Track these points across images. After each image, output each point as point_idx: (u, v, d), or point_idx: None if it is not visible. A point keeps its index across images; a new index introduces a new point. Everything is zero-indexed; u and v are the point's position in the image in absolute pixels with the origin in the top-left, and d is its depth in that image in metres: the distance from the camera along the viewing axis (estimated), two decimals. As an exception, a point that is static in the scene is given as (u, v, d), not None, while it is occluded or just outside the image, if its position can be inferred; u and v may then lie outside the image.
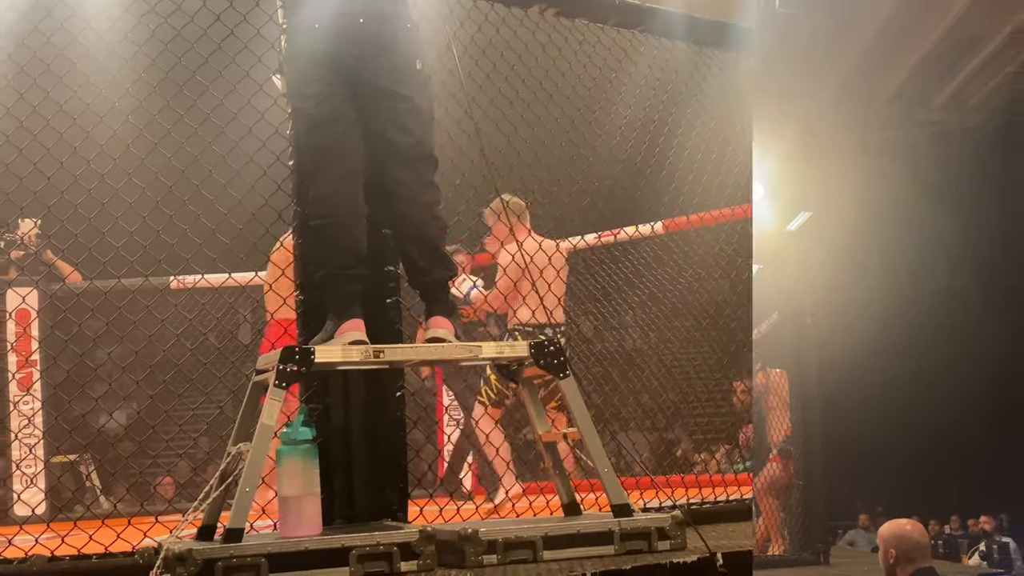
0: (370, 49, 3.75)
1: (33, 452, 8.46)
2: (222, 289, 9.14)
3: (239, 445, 3.70)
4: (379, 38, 3.77)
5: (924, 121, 15.48)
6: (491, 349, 3.86)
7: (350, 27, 3.74)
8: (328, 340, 3.74)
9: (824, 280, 8.10)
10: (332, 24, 3.74)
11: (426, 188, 3.84)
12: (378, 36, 3.76)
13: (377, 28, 3.77)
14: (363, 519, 3.99)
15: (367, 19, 3.75)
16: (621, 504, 3.74)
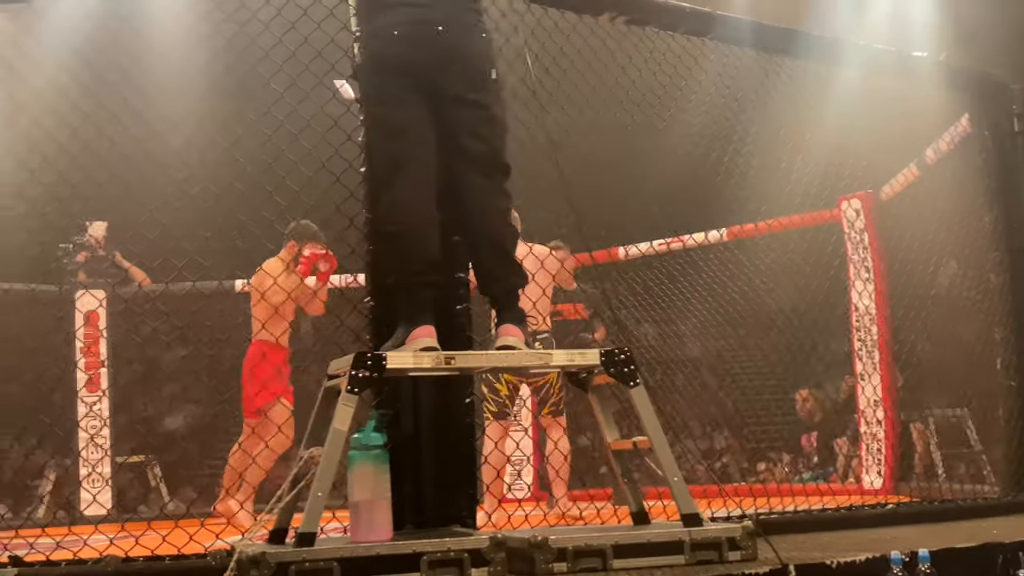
0: (448, 57, 3.77)
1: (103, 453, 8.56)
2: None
3: (311, 450, 3.73)
4: (457, 47, 3.78)
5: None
6: (562, 357, 3.86)
7: (429, 36, 3.76)
8: (399, 346, 3.75)
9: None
10: (411, 32, 3.75)
11: (499, 195, 3.85)
12: (456, 45, 3.78)
13: (455, 37, 3.79)
14: (432, 525, 4.00)
15: (445, 28, 3.77)
16: (691, 513, 3.72)
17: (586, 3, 4.74)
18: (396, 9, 3.78)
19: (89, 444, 8.94)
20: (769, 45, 5.62)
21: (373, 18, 3.84)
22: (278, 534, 3.77)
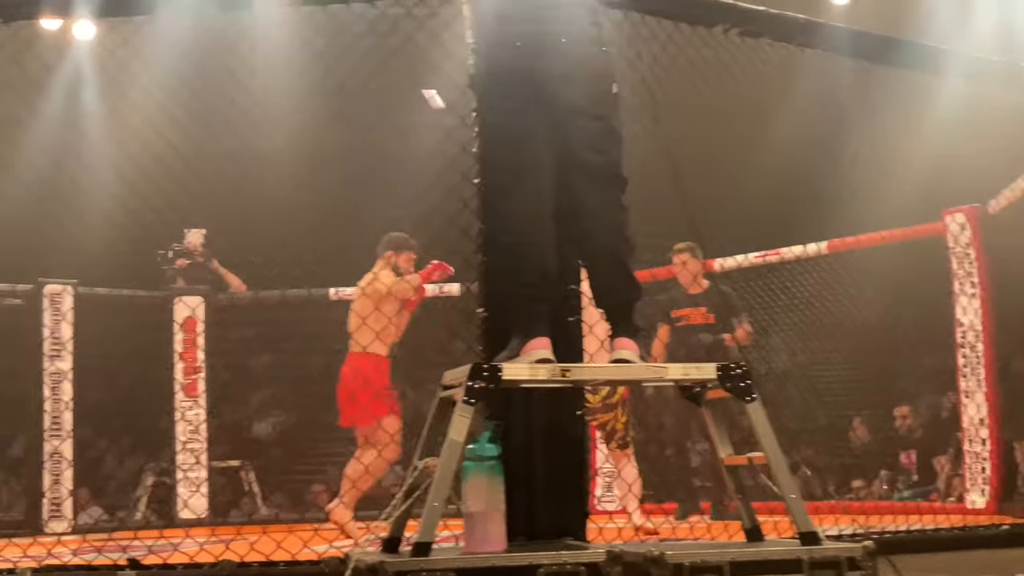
0: (570, 69, 3.76)
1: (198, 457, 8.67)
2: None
3: (425, 460, 3.74)
4: (580, 59, 3.78)
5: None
6: (677, 371, 3.82)
7: (553, 47, 3.75)
8: (513, 357, 3.74)
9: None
10: (535, 43, 3.75)
11: (616, 208, 3.84)
12: (579, 57, 3.78)
13: (578, 49, 3.78)
14: (543, 537, 3.98)
15: (569, 40, 3.77)
16: (809, 532, 3.66)
17: (700, 15, 4.72)
18: (520, 21, 3.78)
19: (185, 449, 9.06)
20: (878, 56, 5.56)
21: (496, 28, 3.84)
22: (391, 543, 3.78)
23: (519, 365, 3.66)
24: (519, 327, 3.78)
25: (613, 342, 3.83)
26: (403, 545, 3.77)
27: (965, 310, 7.95)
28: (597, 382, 3.96)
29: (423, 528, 3.43)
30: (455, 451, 3.51)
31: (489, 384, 3.54)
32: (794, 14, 5.04)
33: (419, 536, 3.42)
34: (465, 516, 3.62)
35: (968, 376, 7.91)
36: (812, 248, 8.74)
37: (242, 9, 4.59)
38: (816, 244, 8.73)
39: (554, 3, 3.81)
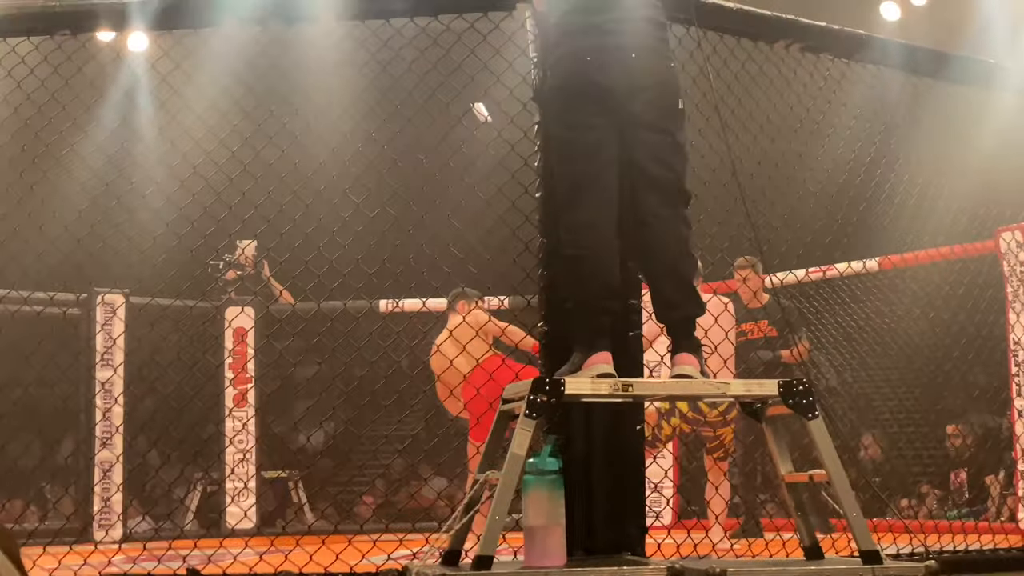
0: (640, 83, 3.77)
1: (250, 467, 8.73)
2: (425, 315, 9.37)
3: (487, 473, 3.75)
4: (649, 74, 3.79)
5: None
6: (739, 387, 3.82)
7: (622, 61, 3.77)
8: (575, 371, 3.74)
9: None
10: (604, 57, 3.77)
11: (680, 223, 3.83)
12: (648, 72, 3.79)
13: (648, 64, 3.79)
14: (603, 552, 3.98)
15: (638, 55, 3.78)
16: (870, 551, 3.64)
17: (762, 30, 4.72)
18: (588, 34, 3.80)
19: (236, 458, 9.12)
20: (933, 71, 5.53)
21: (563, 42, 3.85)
22: (451, 556, 3.79)
23: (581, 379, 3.66)
24: (581, 341, 3.78)
25: (674, 357, 3.83)
26: (463, 559, 3.78)
27: (1021, 327, 7.88)
28: (658, 397, 3.95)
29: (484, 541, 3.44)
30: (517, 465, 3.52)
31: (551, 398, 3.54)
32: (853, 30, 5.03)
33: (480, 549, 3.43)
34: (525, 530, 3.63)
35: (1022, 394, 7.84)
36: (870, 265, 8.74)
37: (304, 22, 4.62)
38: (871, 260, 8.72)
39: (622, 17, 3.82)
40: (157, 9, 4.53)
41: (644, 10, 3.87)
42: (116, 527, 8.70)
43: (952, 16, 11.26)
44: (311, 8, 4.50)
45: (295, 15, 4.58)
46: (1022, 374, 7.85)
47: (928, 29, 11.00)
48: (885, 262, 8.78)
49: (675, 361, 3.81)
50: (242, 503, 8.86)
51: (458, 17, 4.37)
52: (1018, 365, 7.89)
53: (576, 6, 3.87)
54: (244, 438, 9.18)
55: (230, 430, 9.05)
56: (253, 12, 4.54)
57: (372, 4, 4.46)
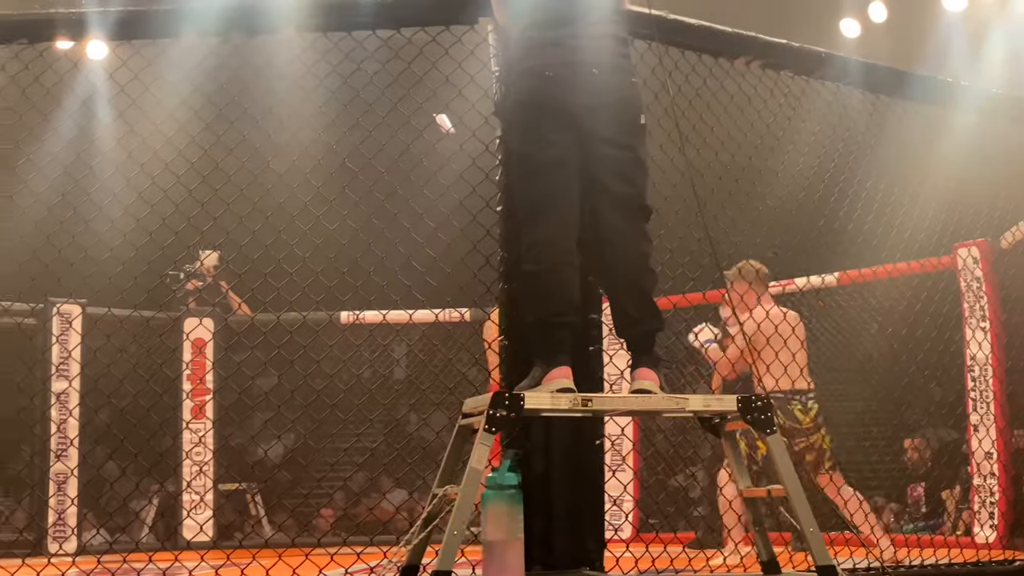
0: (600, 99, 3.78)
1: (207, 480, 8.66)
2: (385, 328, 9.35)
3: (445, 487, 3.74)
4: (611, 90, 3.80)
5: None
6: (698, 402, 3.83)
7: (582, 77, 3.77)
8: (535, 386, 3.74)
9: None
10: (563, 73, 3.78)
11: (641, 238, 3.85)
12: (609, 87, 3.80)
13: (610, 79, 3.80)
14: (561, 566, 3.99)
15: (599, 70, 3.79)
16: (826, 565, 3.66)
17: (723, 47, 4.75)
18: (549, 50, 3.81)
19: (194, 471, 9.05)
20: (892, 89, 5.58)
21: (524, 58, 3.86)
22: (410, 570, 3.78)
23: (541, 394, 3.66)
24: (541, 356, 3.78)
25: (634, 372, 3.84)
26: (421, 573, 3.77)
27: (976, 344, 7.95)
28: (617, 412, 3.96)
29: (442, 556, 3.43)
30: (476, 479, 3.52)
31: (510, 413, 3.54)
32: (813, 47, 5.07)
33: (438, 564, 3.43)
34: (484, 544, 3.62)
35: (979, 409, 7.91)
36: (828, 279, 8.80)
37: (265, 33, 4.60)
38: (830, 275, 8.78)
39: (583, 33, 3.83)
40: (116, 19, 4.50)
41: (605, 26, 3.88)
42: (71, 540, 8.61)
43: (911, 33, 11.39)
44: (273, 20, 4.49)
45: (256, 27, 4.56)
46: (977, 389, 7.91)
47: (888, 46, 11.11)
48: (844, 277, 8.84)
49: (635, 376, 3.82)
50: (199, 516, 8.78)
51: (420, 30, 4.37)
52: (974, 380, 7.95)
53: (537, 21, 3.87)
54: (201, 450, 9.11)
55: (187, 442, 8.99)
56: (214, 24, 4.52)
57: (334, 17, 4.45)
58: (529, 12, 3.90)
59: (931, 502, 9.06)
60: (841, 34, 11.88)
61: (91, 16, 4.49)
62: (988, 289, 7.96)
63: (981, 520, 7.75)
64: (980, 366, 7.94)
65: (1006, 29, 10.66)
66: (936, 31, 11.30)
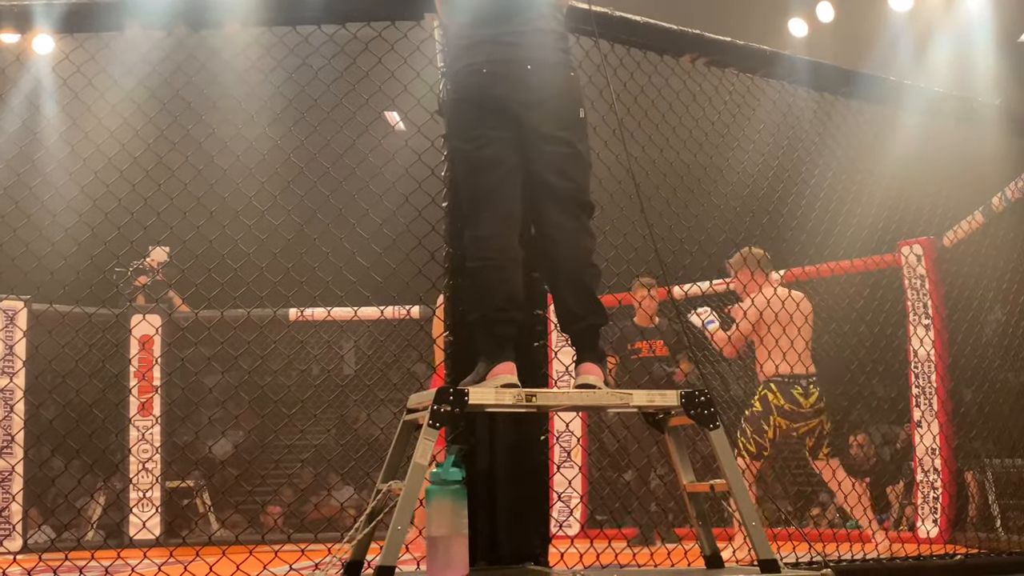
0: (536, 95, 3.78)
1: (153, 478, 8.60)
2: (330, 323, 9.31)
3: (389, 483, 3.74)
4: (546, 85, 3.80)
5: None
6: (642, 397, 3.84)
7: (518, 73, 3.78)
8: (479, 382, 3.75)
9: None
10: (500, 70, 3.78)
11: (583, 234, 3.85)
12: (545, 83, 3.80)
13: (544, 75, 3.81)
14: (506, 561, 4.00)
15: (534, 65, 3.79)
16: (768, 559, 3.69)
17: (668, 44, 4.77)
18: (486, 47, 3.81)
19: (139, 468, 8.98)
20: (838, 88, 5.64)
21: (462, 55, 3.86)
22: (354, 567, 3.77)
23: (485, 389, 3.67)
24: (485, 351, 3.79)
25: (578, 367, 3.85)
26: (365, 569, 3.77)
27: (919, 340, 8.04)
28: (561, 407, 3.97)
29: (385, 552, 3.43)
30: (420, 475, 3.52)
31: (454, 408, 3.55)
32: (759, 46, 5.11)
33: (381, 560, 3.43)
34: (428, 540, 3.62)
35: (921, 405, 8.00)
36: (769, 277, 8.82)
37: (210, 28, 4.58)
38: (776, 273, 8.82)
39: (518, 29, 3.83)
40: (60, 12, 4.46)
41: (542, 21, 3.88)
42: (14, 538, 8.53)
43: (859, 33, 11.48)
44: (218, 14, 4.46)
45: (201, 20, 4.54)
46: (920, 386, 8.01)
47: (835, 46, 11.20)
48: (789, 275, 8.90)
49: (579, 371, 3.84)
50: (144, 513, 8.72)
51: (366, 25, 4.36)
52: (916, 377, 8.05)
53: (474, 19, 3.88)
54: (147, 447, 9.04)
55: (133, 439, 8.92)
56: (159, 17, 4.49)
57: (280, 11, 4.43)
58: (466, 9, 3.90)
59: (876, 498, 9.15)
60: (789, 33, 11.96)
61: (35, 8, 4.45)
62: (931, 287, 8.06)
63: (923, 515, 7.85)
64: (923, 363, 8.03)
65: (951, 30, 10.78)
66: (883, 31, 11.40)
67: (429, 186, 4.23)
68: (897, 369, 8.46)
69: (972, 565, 5.03)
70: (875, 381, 9.01)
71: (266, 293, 5.04)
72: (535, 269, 4.02)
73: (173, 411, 9.23)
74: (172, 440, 9.41)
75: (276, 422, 9.93)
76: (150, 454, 9.03)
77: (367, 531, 3.69)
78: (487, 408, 3.70)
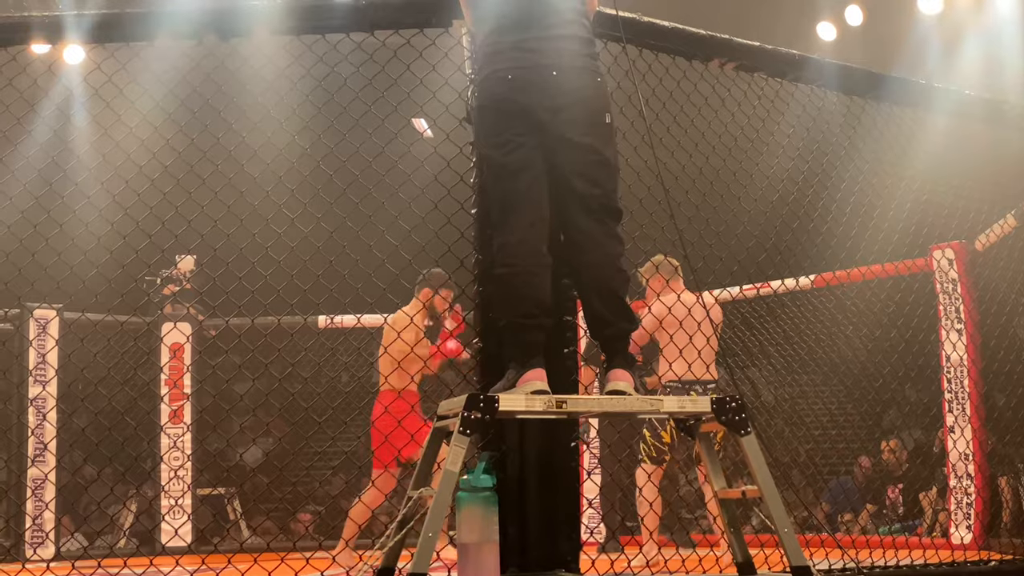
0: (562, 101, 3.78)
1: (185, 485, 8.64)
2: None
3: (420, 490, 3.74)
4: (571, 90, 3.80)
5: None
6: (672, 403, 3.84)
7: (543, 79, 3.78)
8: (509, 388, 3.74)
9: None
10: (525, 76, 3.78)
11: (611, 240, 3.84)
12: (570, 88, 3.79)
13: (571, 81, 3.80)
14: (536, 568, 3.99)
15: (559, 72, 3.79)
16: (801, 566, 3.67)
17: (697, 49, 4.75)
18: (510, 54, 3.81)
19: (171, 475, 9.02)
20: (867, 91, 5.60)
21: (488, 62, 3.87)
22: (385, 574, 3.78)
23: (515, 396, 3.66)
24: (515, 358, 3.78)
25: (608, 374, 3.84)
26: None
27: (951, 345, 7.99)
28: (591, 414, 3.96)
29: (417, 559, 3.43)
30: (451, 482, 3.52)
31: (485, 415, 3.55)
32: (787, 50, 5.09)
33: (413, 567, 3.42)
34: (459, 547, 3.62)
35: (954, 411, 7.94)
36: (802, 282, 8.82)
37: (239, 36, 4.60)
38: (805, 278, 8.81)
39: (544, 35, 3.83)
40: (91, 22, 4.49)
41: (566, 28, 3.88)
42: (47, 545, 8.58)
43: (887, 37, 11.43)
44: (247, 23, 4.48)
45: (230, 30, 4.55)
46: (953, 391, 7.95)
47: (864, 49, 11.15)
48: (819, 279, 8.88)
49: (609, 377, 3.83)
50: (176, 520, 8.76)
51: (394, 33, 4.36)
52: (949, 382, 7.99)
53: (499, 26, 3.88)
54: (178, 455, 9.09)
55: (164, 446, 8.97)
56: (189, 26, 4.51)
57: (307, 19, 4.44)
58: (492, 16, 3.91)
59: (909, 503, 9.10)
60: (818, 37, 11.92)
61: (66, 19, 4.48)
62: (963, 291, 8.00)
63: (957, 521, 7.79)
64: (955, 368, 7.98)
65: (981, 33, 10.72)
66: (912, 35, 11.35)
67: (458, 193, 4.23)
68: (929, 374, 8.41)
69: (1007, 571, 4.99)
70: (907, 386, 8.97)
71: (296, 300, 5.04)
72: (563, 275, 4.01)
73: (204, 419, 9.27)
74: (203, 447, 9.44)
75: (306, 429, 9.96)
76: (181, 461, 9.06)
77: (398, 538, 3.69)
78: (517, 415, 3.70)
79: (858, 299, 8.99)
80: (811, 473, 9.86)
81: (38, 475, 8.54)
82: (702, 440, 3.96)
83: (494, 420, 3.59)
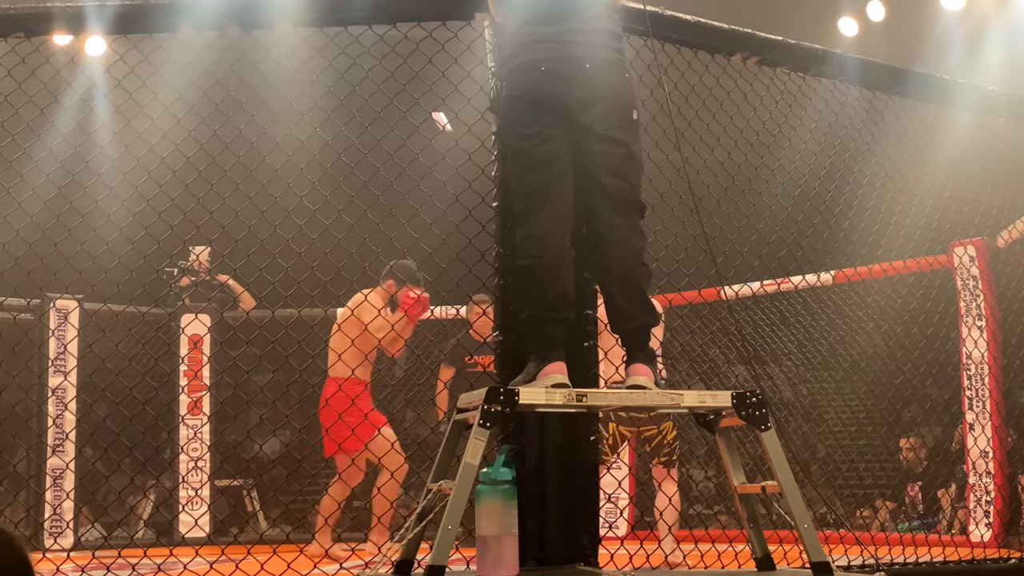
0: (593, 94, 3.78)
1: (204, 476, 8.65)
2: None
3: (439, 483, 3.74)
4: (603, 84, 3.80)
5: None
6: (693, 398, 3.82)
7: (576, 71, 3.78)
8: (530, 381, 3.74)
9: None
10: (557, 68, 3.78)
11: (635, 234, 3.85)
12: (602, 82, 3.80)
13: (601, 74, 3.80)
14: (555, 562, 3.99)
15: (593, 65, 3.79)
16: (821, 562, 3.66)
17: (719, 43, 4.74)
18: (543, 45, 3.81)
19: (189, 466, 9.05)
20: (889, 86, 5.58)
21: (518, 53, 3.86)
22: (404, 566, 3.78)
23: (535, 389, 3.66)
24: (535, 351, 3.79)
25: (628, 368, 3.84)
26: (415, 568, 3.77)
27: (972, 342, 7.95)
28: (612, 407, 3.96)
29: (436, 551, 3.43)
30: (470, 475, 3.52)
31: (505, 408, 3.55)
32: (810, 44, 5.07)
33: (432, 559, 3.43)
34: (478, 540, 3.63)
35: (974, 408, 7.91)
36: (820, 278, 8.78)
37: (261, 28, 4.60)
38: (826, 274, 8.77)
39: (577, 28, 3.84)
40: (113, 13, 4.50)
41: (599, 21, 3.88)
42: (66, 535, 8.61)
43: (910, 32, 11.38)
44: (269, 15, 4.49)
45: (253, 21, 4.57)
46: (973, 388, 7.92)
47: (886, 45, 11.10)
48: (840, 275, 8.84)
49: (629, 372, 3.82)
50: (194, 511, 8.79)
51: (416, 26, 4.37)
52: (969, 379, 7.96)
53: (531, 17, 3.88)
54: (197, 446, 9.11)
55: (183, 437, 8.99)
56: (211, 18, 4.52)
57: (330, 11, 4.45)
58: (523, 8, 3.91)
59: (927, 501, 9.07)
60: (840, 32, 11.87)
61: (88, 10, 4.49)
62: (984, 287, 7.96)
63: (976, 518, 7.76)
64: (976, 364, 7.94)
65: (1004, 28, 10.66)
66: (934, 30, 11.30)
67: (479, 185, 4.23)
68: (950, 371, 8.38)
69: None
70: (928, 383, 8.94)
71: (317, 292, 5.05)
72: (585, 269, 4.00)
73: (224, 410, 9.29)
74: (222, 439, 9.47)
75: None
76: (200, 452, 9.09)
77: (417, 530, 3.69)
78: (537, 408, 3.70)
79: (879, 295, 8.96)
80: (830, 469, 9.83)
81: (58, 464, 8.58)
82: (722, 435, 3.95)
83: (514, 413, 3.58)
